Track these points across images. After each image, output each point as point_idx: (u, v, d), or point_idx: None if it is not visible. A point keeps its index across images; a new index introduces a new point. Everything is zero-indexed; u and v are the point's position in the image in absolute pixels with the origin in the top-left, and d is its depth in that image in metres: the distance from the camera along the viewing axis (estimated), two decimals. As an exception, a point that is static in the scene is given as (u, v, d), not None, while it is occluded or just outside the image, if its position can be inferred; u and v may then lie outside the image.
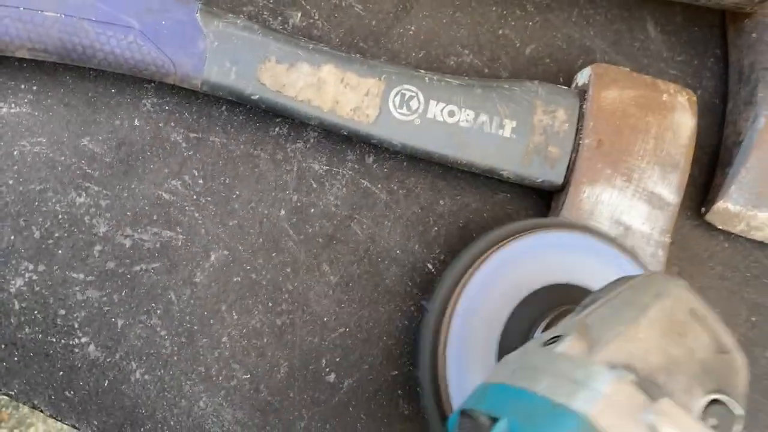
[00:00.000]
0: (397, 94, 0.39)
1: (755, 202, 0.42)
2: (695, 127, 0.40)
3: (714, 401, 0.25)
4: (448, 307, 0.36)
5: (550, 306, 0.35)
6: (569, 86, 0.43)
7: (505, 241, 0.37)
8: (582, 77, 0.42)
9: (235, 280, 0.39)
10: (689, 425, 0.24)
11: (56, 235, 0.38)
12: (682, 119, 0.40)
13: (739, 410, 0.26)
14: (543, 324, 0.35)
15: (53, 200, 0.39)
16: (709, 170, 0.44)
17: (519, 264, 0.37)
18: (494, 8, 0.44)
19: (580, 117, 0.40)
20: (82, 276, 0.38)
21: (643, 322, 0.26)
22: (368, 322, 0.40)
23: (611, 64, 0.43)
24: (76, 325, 0.37)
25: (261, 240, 0.40)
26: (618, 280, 0.30)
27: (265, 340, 0.39)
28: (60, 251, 0.38)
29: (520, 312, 0.36)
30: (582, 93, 0.41)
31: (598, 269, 0.37)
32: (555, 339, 0.27)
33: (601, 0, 0.45)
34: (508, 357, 0.29)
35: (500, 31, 0.44)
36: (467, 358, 0.36)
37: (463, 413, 0.28)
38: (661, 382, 0.25)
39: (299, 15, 0.42)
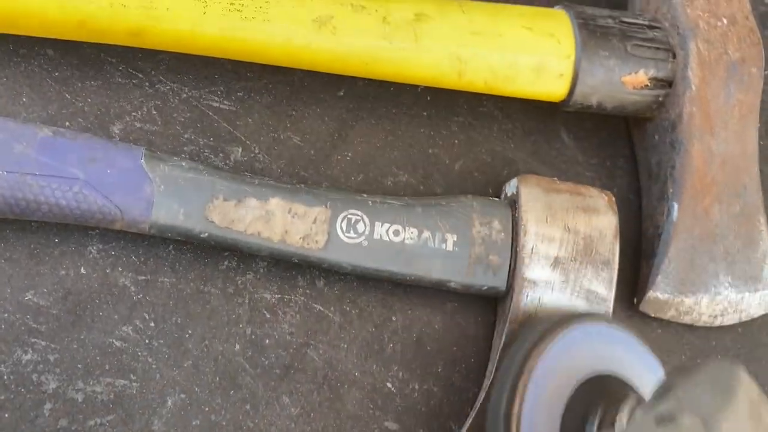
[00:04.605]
0: (343, 219, 0.41)
1: (681, 289, 0.45)
2: (617, 225, 0.43)
3: None
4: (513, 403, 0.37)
5: (598, 395, 0.37)
6: (498, 196, 0.46)
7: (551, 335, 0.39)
8: (510, 188, 0.45)
9: (194, 423, 0.38)
10: None
11: (2, 397, 0.36)
12: (606, 219, 0.44)
13: None
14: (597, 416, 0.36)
15: (-3, 361, 0.37)
16: (633, 261, 0.47)
17: (570, 354, 0.39)
18: (422, 130, 0.47)
19: (514, 225, 0.43)
20: (31, 439, 0.36)
21: (732, 406, 0.28)
22: (334, 450, 0.39)
23: (535, 174, 0.46)
24: (27, 494, 0.35)
25: (217, 378, 0.39)
26: (681, 368, 0.32)
27: (231, 483, 0.38)
28: (6, 414, 0.36)
29: (573, 403, 0.38)
30: (512, 202, 0.44)
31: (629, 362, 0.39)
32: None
33: (517, 114, 0.49)
34: None
35: (430, 151, 0.47)
36: None
37: None
38: None
39: (240, 150, 0.43)
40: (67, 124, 0.41)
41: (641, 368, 0.39)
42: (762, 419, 0.29)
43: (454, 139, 0.47)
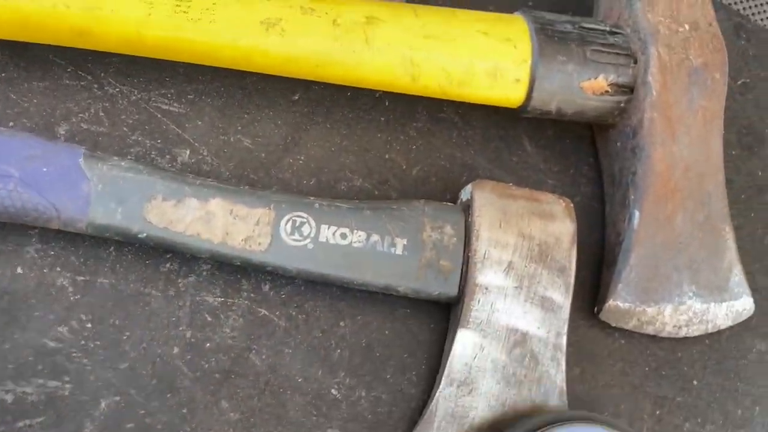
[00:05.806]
0: (288, 221, 0.40)
1: (642, 298, 0.44)
2: (575, 232, 0.43)
3: None
4: None
5: None
6: (455, 202, 0.45)
7: None
8: (465, 193, 0.44)
9: (128, 426, 0.37)
10: None
11: (-72, 397, 0.36)
12: (562, 225, 0.43)
13: None
14: None
15: (-75, 360, 0.36)
16: (595, 270, 0.46)
17: None
18: (379, 135, 0.47)
19: (467, 230, 0.42)
20: (-44, 440, 0.35)
21: None
22: (273, 457, 0.38)
23: (492, 179, 0.45)
24: (-51, 496, 0.34)
25: (154, 381, 0.38)
26: None
27: (163, 490, 0.37)
28: (-69, 415, 0.36)
29: None
30: (467, 207, 0.43)
31: None
32: None
33: (478, 121, 0.48)
34: None
35: (387, 156, 0.46)
36: None
37: None
38: None
39: (188, 152, 0.43)
40: (11, 124, 0.41)
41: None
42: None
43: (412, 145, 0.47)
